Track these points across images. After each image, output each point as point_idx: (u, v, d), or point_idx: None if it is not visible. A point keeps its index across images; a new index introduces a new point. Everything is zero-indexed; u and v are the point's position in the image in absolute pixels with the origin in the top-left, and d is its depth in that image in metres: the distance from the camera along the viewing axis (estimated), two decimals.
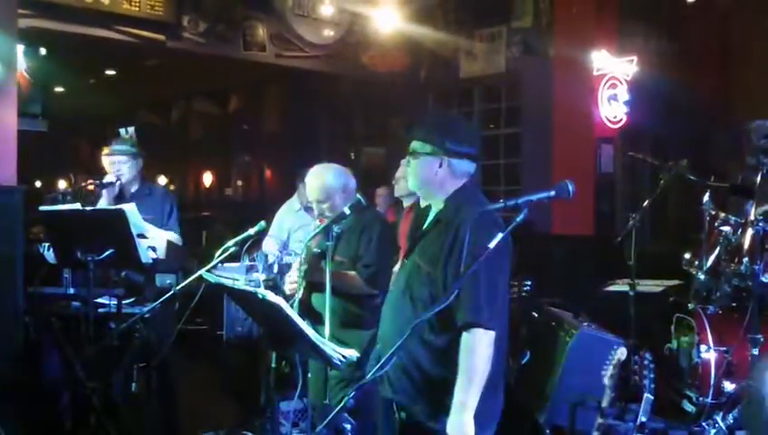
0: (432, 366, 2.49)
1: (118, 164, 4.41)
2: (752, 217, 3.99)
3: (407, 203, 5.00)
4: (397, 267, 2.90)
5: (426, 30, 7.78)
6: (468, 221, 2.37)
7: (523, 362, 3.86)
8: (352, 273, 3.53)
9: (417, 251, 2.61)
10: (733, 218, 4.11)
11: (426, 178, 2.62)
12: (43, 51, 5.60)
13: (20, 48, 5.01)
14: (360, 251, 3.55)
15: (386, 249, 3.64)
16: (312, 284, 3.50)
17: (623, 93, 7.20)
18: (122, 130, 4.65)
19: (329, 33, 7.75)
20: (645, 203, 4.70)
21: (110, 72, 11.59)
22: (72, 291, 4.42)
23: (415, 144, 2.64)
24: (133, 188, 4.50)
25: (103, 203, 4.38)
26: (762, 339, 3.74)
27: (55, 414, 4.28)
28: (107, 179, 4.38)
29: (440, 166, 2.59)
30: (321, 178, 3.64)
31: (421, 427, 2.53)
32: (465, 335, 2.38)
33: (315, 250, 3.58)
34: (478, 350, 2.37)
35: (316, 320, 3.44)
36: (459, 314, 2.38)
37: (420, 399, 2.52)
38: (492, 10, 7.66)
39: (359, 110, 9.38)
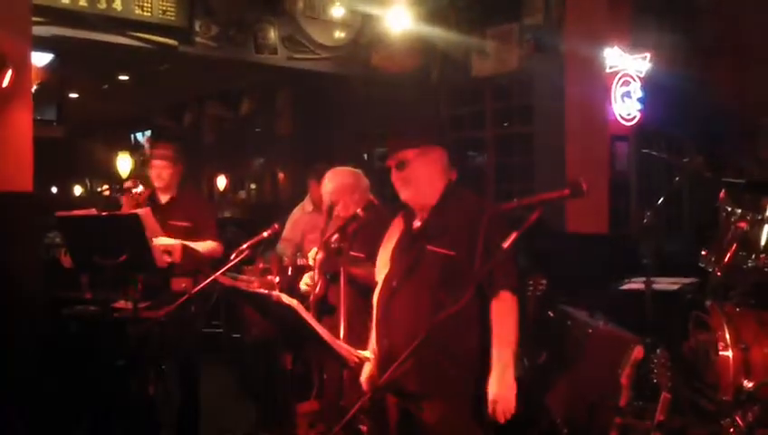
0: (446, 347, 2.56)
1: (160, 169, 4.41)
2: None
3: None
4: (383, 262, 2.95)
5: (436, 30, 7.77)
6: (484, 213, 2.50)
7: (540, 362, 3.85)
8: (370, 265, 3.61)
9: (428, 240, 2.70)
10: (749, 214, 4.08)
11: (422, 181, 2.72)
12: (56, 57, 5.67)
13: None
14: (376, 247, 3.61)
15: None
16: (330, 277, 3.62)
17: (637, 90, 7.15)
18: (139, 135, 4.70)
19: (340, 34, 7.76)
20: (660, 200, 4.67)
21: (124, 78, 11.67)
22: (89, 295, 4.46)
23: (405, 154, 2.72)
24: (169, 196, 4.50)
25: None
26: None
27: (73, 417, 4.31)
28: (127, 185, 4.41)
29: (433, 163, 2.72)
30: (333, 181, 3.84)
31: (432, 414, 2.60)
32: (496, 303, 2.56)
33: (333, 246, 3.66)
34: (512, 312, 2.56)
35: (332, 312, 3.52)
36: (492, 284, 2.54)
37: (438, 382, 2.59)
38: (503, 8, 7.63)
39: (370, 111, 9.39)
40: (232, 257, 3.24)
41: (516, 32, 7.57)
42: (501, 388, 2.49)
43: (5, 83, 4.39)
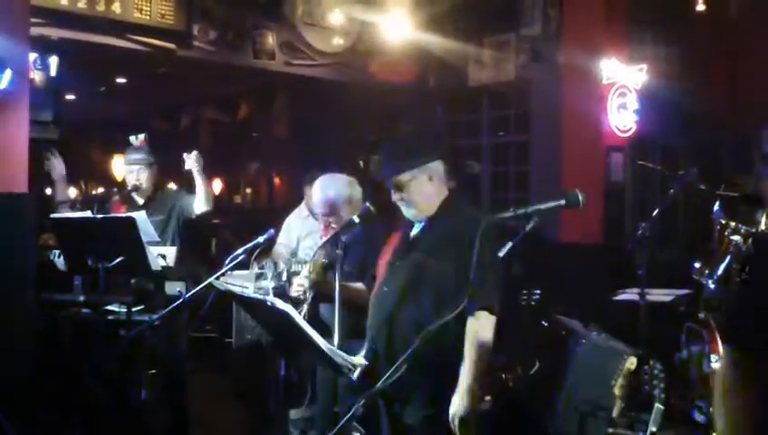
0: (432, 353, 2.54)
1: (137, 172, 4.48)
2: (762, 226, 3.96)
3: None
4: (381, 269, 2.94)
5: (434, 38, 7.80)
6: (477, 227, 2.47)
7: (533, 371, 3.84)
8: (359, 284, 3.49)
9: (421, 250, 2.72)
10: (743, 227, 4.09)
11: (423, 198, 2.74)
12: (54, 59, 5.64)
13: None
14: (366, 261, 3.53)
15: None
16: (320, 295, 3.50)
17: (633, 102, 7.18)
18: (132, 138, 4.71)
19: (338, 41, 7.78)
20: (655, 212, 4.68)
21: (121, 80, 11.65)
22: (82, 298, 4.44)
23: (400, 178, 2.74)
24: (147, 196, 4.55)
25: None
26: None
27: (66, 421, 4.29)
28: (131, 185, 4.45)
29: (430, 179, 2.73)
30: (326, 192, 3.65)
31: (414, 417, 2.63)
32: (472, 320, 2.54)
33: (323, 261, 3.57)
34: (486, 333, 2.54)
35: (323, 331, 3.44)
36: (471, 302, 2.47)
37: (419, 386, 2.61)
38: (500, 17, 7.67)
39: (367, 117, 9.40)
40: (227, 262, 3.23)
41: (514, 41, 7.60)
42: (459, 407, 2.50)
43: (3, 84, 4.38)
